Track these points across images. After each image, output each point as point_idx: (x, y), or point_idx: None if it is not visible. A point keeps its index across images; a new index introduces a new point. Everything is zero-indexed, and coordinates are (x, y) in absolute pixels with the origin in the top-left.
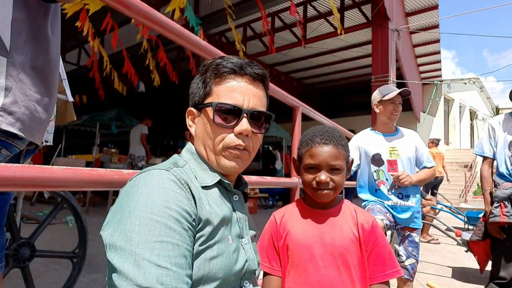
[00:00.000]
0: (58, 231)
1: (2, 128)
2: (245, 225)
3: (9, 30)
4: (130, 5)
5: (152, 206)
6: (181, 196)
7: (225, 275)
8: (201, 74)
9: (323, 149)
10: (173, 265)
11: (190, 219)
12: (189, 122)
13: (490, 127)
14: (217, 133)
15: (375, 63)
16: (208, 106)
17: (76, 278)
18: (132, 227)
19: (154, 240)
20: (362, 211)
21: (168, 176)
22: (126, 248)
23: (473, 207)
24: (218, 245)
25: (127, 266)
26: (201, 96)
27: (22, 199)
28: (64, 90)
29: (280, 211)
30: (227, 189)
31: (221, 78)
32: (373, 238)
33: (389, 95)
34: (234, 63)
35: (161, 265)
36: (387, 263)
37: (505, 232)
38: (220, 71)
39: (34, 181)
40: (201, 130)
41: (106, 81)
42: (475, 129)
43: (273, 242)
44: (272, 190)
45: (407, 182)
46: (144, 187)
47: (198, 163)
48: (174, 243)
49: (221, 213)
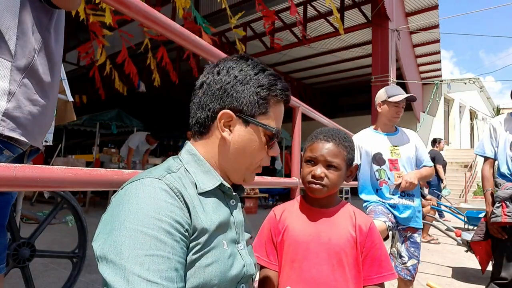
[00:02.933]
0: (58, 231)
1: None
2: (241, 230)
3: (15, 34)
4: (130, 5)
5: (143, 218)
6: (173, 206)
7: (220, 281)
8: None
9: (323, 145)
10: (163, 279)
11: (182, 230)
12: (222, 126)
13: (491, 127)
14: (260, 153)
15: (375, 63)
16: (268, 129)
17: (76, 278)
18: (122, 240)
19: (144, 253)
20: (361, 213)
21: (159, 185)
22: (116, 262)
23: (473, 207)
24: (213, 251)
25: (118, 280)
26: (255, 110)
27: (22, 199)
28: (64, 90)
29: (280, 207)
30: (225, 192)
31: (279, 102)
32: (370, 240)
33: (395, 97)
34: (286, 93)
35: (150, 280)
36: (383, 265)
37: (507, 232)
38: (279, 94)
39: (34, 181)
40: (241, 145)
41: (106, 81)
42: (475, 129)
43: (272, 237)
44: (272, 190)
45: (411, 187)
46: (135, 197)
47: (199, 165)
48: (164, 257)
49: (217, 219)
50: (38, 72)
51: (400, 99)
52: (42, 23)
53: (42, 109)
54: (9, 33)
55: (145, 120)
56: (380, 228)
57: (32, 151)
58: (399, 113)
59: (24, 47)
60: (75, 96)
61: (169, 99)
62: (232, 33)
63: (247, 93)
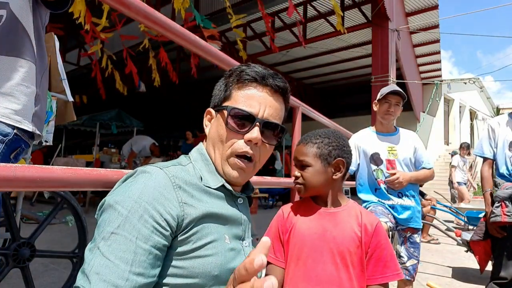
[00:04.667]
0: (58, 231)
1: (36, 133)
2: (248, 228)
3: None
4: (130, 5)
5: (124, 199)
6: (161, 196)
7: (220, 273)
8: (225, 78)
9: (296, 149)
10: (117, 258)
11: (159, 219)
12: (206, 122)
13: (490, 128)
14: (228, 137)
15: (375, 63)
16: (225, 109)
17: (76, 278)
18: (104, 216)
19: (111, 231)
20: (368, 213)
21: (157, 173)
22: (94, 234)
23: (473, 207)
24: (213, 244)
25: (87, 251)
26: (220, 98)
27: (22, 199)
28: (64, 90)
29: (288, 205)
30: (231, 193)
31: (243, 84)
32: (375, 240)
33: (381, 94)
34: (258, 72)
35: (105, 255)
36: (388, 265)
37: (506, 232)
38: (243, 77)
39: (34, 181)
40: (214, 132)
41: (106, 81)
42: (475, 129)
43: (279, 235)
44: (272, 190)
45: (397, 185)
46: (132, 181)
47: (206, 164)
48: (127, 238)
49: (218, 211)
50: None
51: (385, 93)
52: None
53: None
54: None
55: (145, 120)
56: None
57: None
58: (389, 110)
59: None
60: (75, 96)
61: (169, 99)
62: (232, 33)
63: (219, 87)
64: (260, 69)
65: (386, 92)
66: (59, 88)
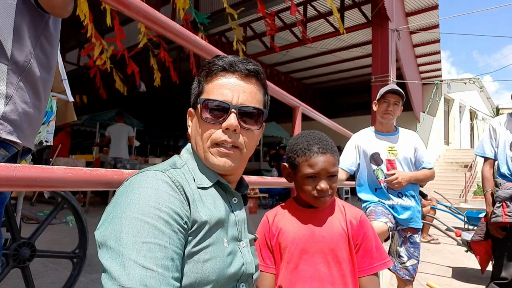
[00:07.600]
0: (58, 231)
1: (1, 137)
2: (244, 228)
3: (11, 38)
4: (130, 5)
5: (143, 207)
6: (173, 198)
7: (218, 278)
8: (198, 74)
9: (322, 159)
10: (159, 267)
11: (181, 222)
12: (188, 122)
13: (491, 128)
14: (205, 129)
15: (375, 63)
16: (198, 103)
17: (76, 278)
18: (122, 227)
19: (141, 241)
20: (350, 206)
21: (162, 177)
22: (115, 248)
23: (473, 207)
24: (212, 247)
25: (114, 266)
26: (195, 95)
27: (22, 199)
28: (64, 90)
29: (272, 211)
30: (226, 190)
31: (212, 76)
32: (361, 233)
33: (380, 93)
34: (225, 60)
35: (146, 266)
36: (375, 256)
37: (507, 232)
38: (211, 69)
39: (34, 181)
40: (193, 128)
41: (106, 81)
42: (475, 129)
43: (266, 241)
44: (272, 190)
45: (397, 186)
46: (138, 188)
47: (197, 162)
48: (161, 245)
49: (217, 215)
50: (34, 75)
51: (384, 92)
52: (38, 27)
53: (35, 111)
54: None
55: (145, 120)
56: (382, 230)
57: (24, 151)
58: (388, 109)
59: (20, 50)
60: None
61: (169, 99)
62: (232, 33)
63: (193, 85)
64: (228, 57)
65: (384, 91)
66: (60, 88)
